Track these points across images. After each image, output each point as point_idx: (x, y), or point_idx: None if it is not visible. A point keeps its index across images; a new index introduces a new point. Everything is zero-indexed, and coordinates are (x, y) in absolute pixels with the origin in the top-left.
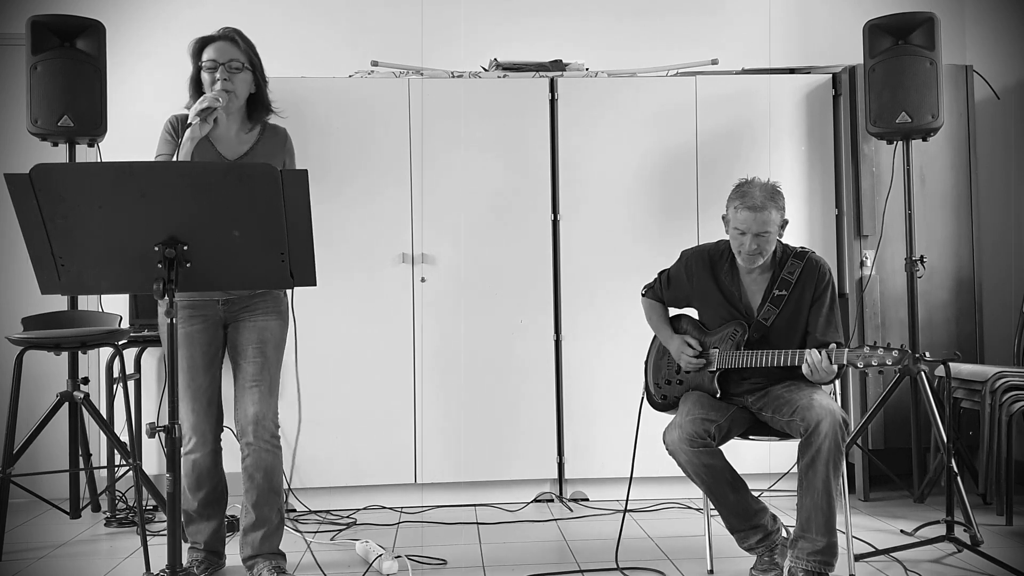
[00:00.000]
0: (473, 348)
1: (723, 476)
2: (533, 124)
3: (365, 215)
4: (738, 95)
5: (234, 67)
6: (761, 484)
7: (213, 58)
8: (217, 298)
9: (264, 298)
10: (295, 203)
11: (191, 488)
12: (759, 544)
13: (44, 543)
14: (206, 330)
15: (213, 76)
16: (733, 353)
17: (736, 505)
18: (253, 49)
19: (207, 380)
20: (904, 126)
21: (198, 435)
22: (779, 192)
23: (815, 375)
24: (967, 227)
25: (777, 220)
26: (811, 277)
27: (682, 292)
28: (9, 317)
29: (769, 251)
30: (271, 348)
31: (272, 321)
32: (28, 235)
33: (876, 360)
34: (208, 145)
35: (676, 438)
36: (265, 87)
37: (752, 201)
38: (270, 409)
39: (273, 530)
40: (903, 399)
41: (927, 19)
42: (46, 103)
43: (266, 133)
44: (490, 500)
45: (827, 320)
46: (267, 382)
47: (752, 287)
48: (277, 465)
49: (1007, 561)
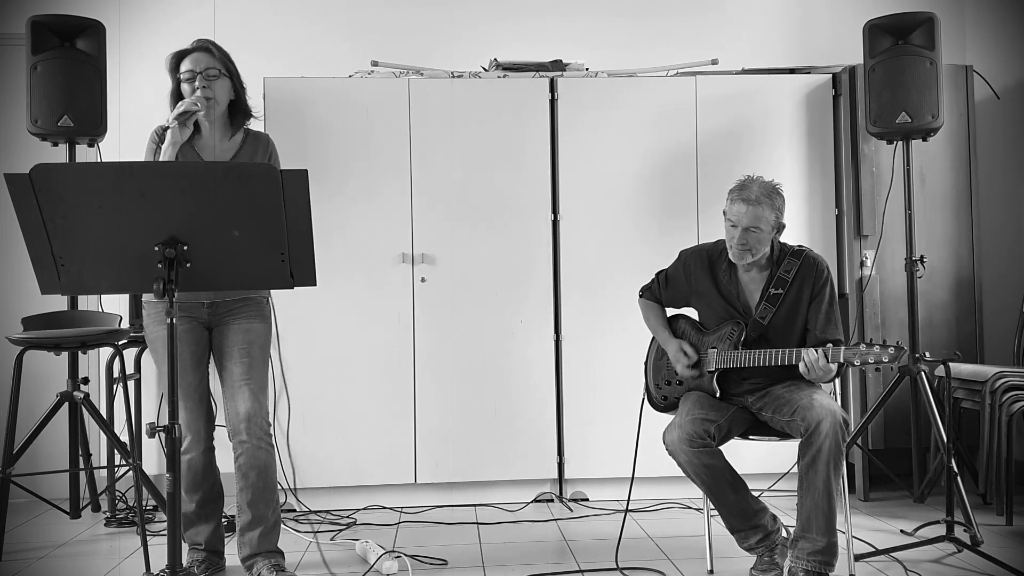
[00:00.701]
0: (473, 348)
1: (723, 476)
2: (533, 124)
3: (365, 215)
4: (738, 95)
5: (211, 75)
6: (761, 484)
7: (190, 68)
8: (203, 300)
9: (247, 303)
10: (295, 203)
11: (187, 489)
12: (759, 544)
13: (44, 543)
14: (192, 330)
15: (192, 86)
16: (731, 353)
17: (736, 505)
18: (228, 57)
19: (196, 378)
20: (904, 126)
21: (192, 433)
22: (778, 193)
23: (812, 374)
24: (967, 227)
25: (770, 219)
26: (808, 275)
27: (680, 292)
28: (9, 317)
29: (759, 250)
30: (257, 348)
31: (256, 324)
32: (28, 235)
33: (873, 357)
34: (192, 153)
35: (676, 438)
36: (244, 93)
37: (747, 194)
38: (261, 407)
39: (270, 528)
40: (903, 399)
41: (927, 19)
42: (46, 103)
43: (248, 139)
44: (490, 500)
45: (827, 317)
46: (257, 380)
47: (750, 286)
48: (271, 463)
49: (1007, 561)
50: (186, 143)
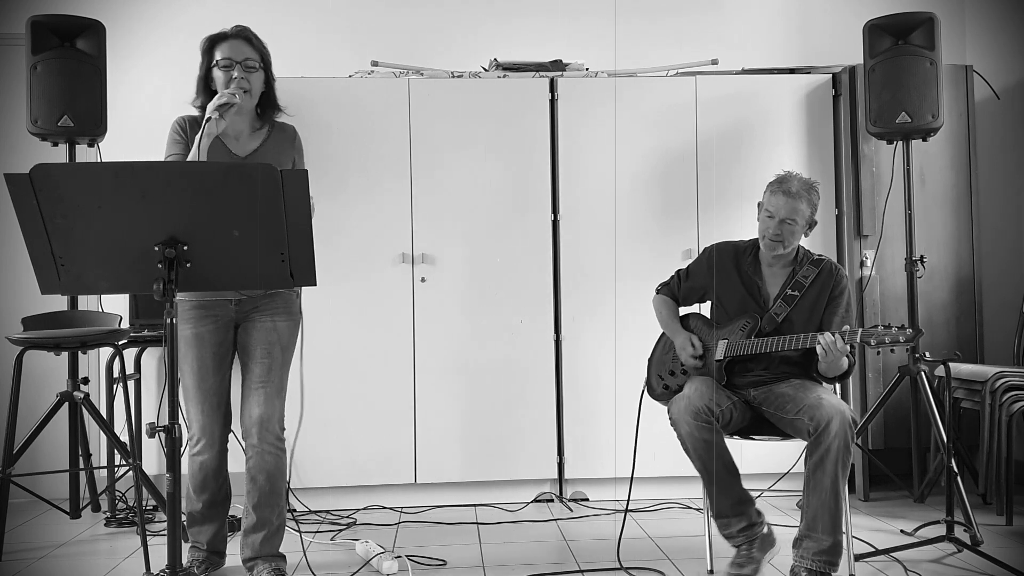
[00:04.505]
0: (473, 348)
1: (720, 457)
2: (533, 124)
3: (365, 215)
4: (738, 95)
5: (249, 66)
6: (761, 484)
7: (228, 56)
8: (230, 298)
9: (275, 298)
10: (295, 203)
11: (196, 489)
12: (740, 533)
13: (44, 543)
14: (217, 331)
15: (228, 74)
16: (743, 341)
17: (727, 488)
18: (265, 48)
19: (216, 381)
20: (904, 126)
21: (207, 437)
22: (816, 190)
23: (829, 355)
24: (967, 227)
25: (806, 214)
26: (827, 283)
27: (700, 282)
28: (9, 317)
29: (791, 243)
30: (279, 350)
31: (282, 322)
32: (28, 235)
33: (889, 338)
34: (218, 142)
35: (682, 408)
36: (274, 85)
37: (788, 187)
38: (275, 411)
39: (273, 532)
40: (903, 399)
41: (927, 19)
42: (46, 103)
43: (275, 130)
44: (490, 500)
45: (842, 320)
46: (274, 384)
47: (771, 280)
48: (280, 468)
49: (1007, 561)
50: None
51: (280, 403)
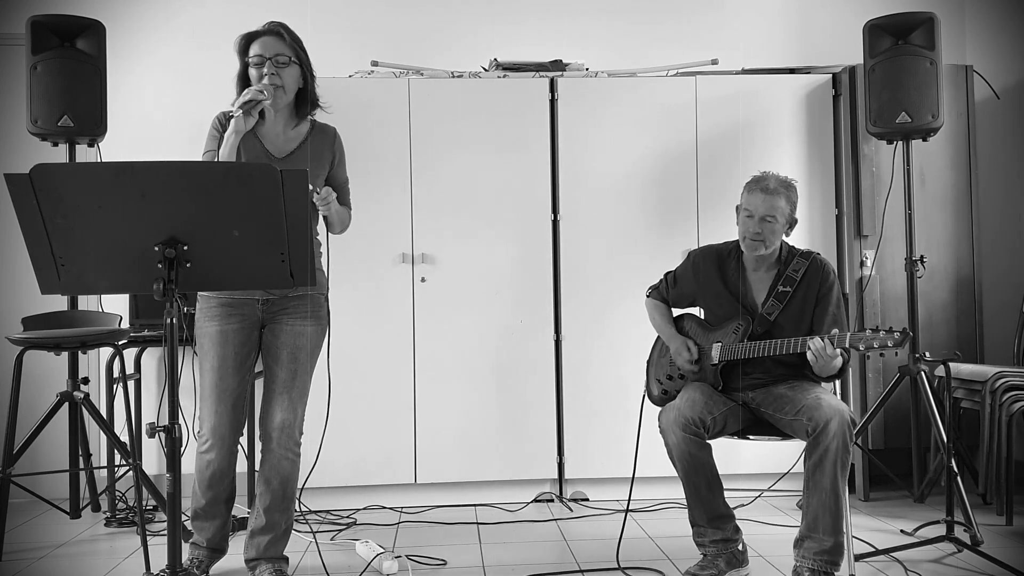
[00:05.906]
0: (473, 348)
1: (703, 470)
2: (533, 124)
3: (365, 215)
4: (738, 95)
5: (281, 61)
6: (761, 484)
7: (260, 53)
8: (257, 297)
9: (303, 301)
10: (295, 203)
11: (202, 487)
12: (713, 544)
13: (44, 543)
14: (242, 330)
15: (260, 71)
16: (736, 345)
17: (706, 502)
18: (300, 43)
19: (235, 382)
20: (904, 126)
21: (216, 438)
22: (793, 187)
23: (819, 361)
24: (967, 227)
25: (785, 211)
26: (816, 277)
27: (688, 289)
28: (9, 317)
29: (772, 243)
30: (305, 355)
31: (309, 327)
32: (28, 235)
33: (878, 342)
34: (255, 141)
35: (671, 419)
36: (312, 82)
37: (766, 184)
38: (297, 418)
39: (280, 536)
40: (903, 399)
41: (927, 19)
42: (46, 103)
43: (315, 131)
44: (490, 500)
45: (833, 319)
46: (298, 389)
47: (757, 285)
48: (294, 474)
49: (1007, 561)
50: (249, 132)
51: (302, 409)
